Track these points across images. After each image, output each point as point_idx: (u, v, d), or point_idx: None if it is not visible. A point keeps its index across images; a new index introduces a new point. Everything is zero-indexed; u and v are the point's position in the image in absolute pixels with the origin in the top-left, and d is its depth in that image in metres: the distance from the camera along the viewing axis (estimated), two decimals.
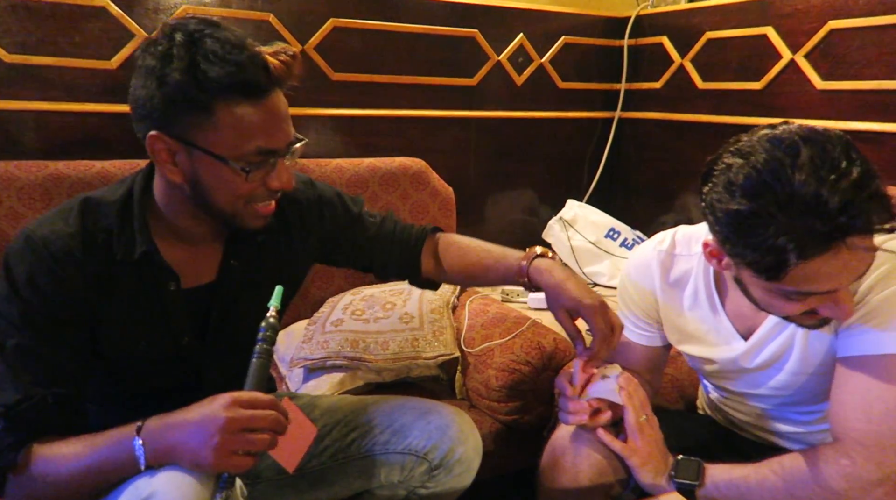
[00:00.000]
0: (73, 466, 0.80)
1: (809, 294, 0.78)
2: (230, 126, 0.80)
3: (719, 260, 0.87)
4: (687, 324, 1.05)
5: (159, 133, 0.81)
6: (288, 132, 0.86)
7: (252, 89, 0.80)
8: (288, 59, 0.83)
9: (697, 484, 0.92)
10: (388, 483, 1.08)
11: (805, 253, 0.72)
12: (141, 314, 0.91)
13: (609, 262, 2.08)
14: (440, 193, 1.86)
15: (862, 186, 0.71)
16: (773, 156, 0.74)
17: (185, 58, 0.78)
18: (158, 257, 0.90)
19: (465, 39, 1.99)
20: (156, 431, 0.79)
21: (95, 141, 1.55)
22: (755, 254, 0.76)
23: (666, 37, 2.12)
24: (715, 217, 0.80)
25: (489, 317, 1.57)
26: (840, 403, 0.87)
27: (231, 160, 0.82)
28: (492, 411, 1.43)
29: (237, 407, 0.77)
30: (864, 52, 1.57)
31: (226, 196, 0.85)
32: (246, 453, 0.77)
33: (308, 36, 1.76)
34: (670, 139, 2.17)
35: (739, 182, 0.76)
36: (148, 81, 0.80)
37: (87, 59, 1.52)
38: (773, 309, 0.86)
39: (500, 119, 2.13)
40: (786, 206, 0.72)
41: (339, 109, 1.85)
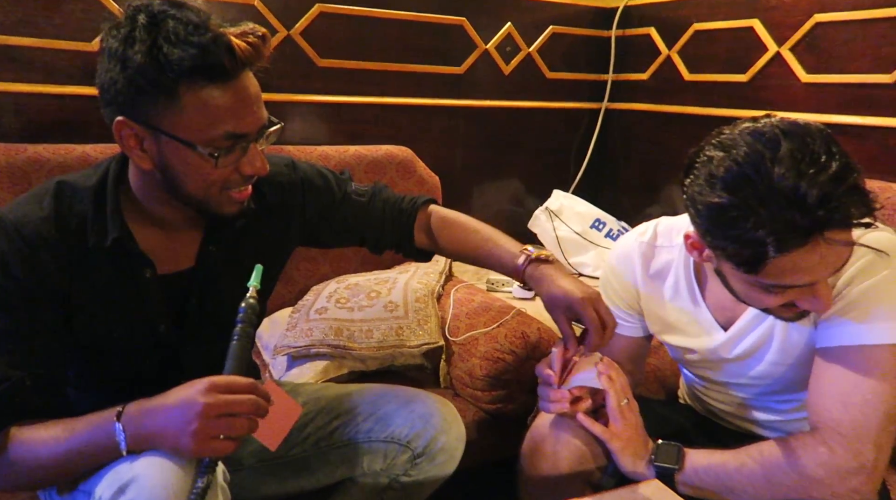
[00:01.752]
0: (52, 450, 0.79)
1: (788, 287, 0.79)
2: (196, 110, 0.78)
3: (700, 252, 0.88)
4: (668, 315, 1.05)
5: (125, 118, 0.80)
6: (259, 115, 0.84)
7: (217, 72, 0.78)
8: (256, 40, 0.80)
9: (677, 468, 0.93)
10: (370, 471, 1.08)
11: (784, 246, 0.73)
12: (116, 301, 0.90)
13: (594, 252, 2.08)
14: (426, 181, 1.85)
15: (841, 179, 0.71)
16: (753, 149, 0.75)
17: (146, 40, 0.75)
18: (132, 244, 0.88)
19: (452, 27, 1.98)
20: (135, 416, 0.78)
21: (76, 124, 1.52)
22: (735, 246, 0.77)
23: (654, 28, 2.13)
24: (696, 209, 0.80)
25: (474, 306, 1.57)
26: (818, 393, 0.88)
27: (199, 146, 0.80)
28: (476, 399, 1.44)
29: (215, 392, 0.76)
30: (849, 45, 1.58)
31: (197, 183, 0.83)
32: (226, 437, 0.76)
33: (294, 21, 1.74)
34: (656, 131, 2.17)
35: (720, 175, 0.76)
36: (111, 65, 0.78)
37: (67, 41, 1.50)
38: (753, 301, 0.86)
39: (488, 108, 2.12)
40: (765, 199, 0.72)
41: (324, 95, 1.83)
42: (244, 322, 0.84)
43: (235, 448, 0.77)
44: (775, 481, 0.86)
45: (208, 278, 0.96)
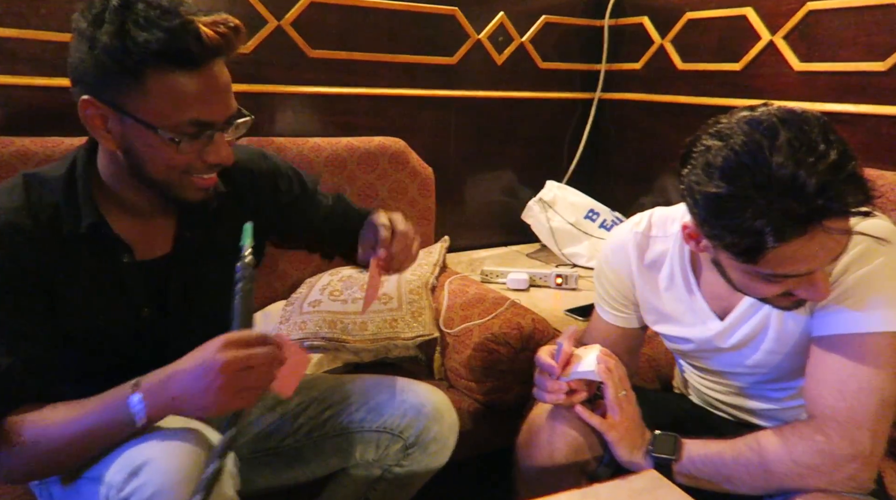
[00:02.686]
0: (66, 430, 0.79)
1: (786, 277, 0.79)
2: (161, 95, 0.78)
3: (697, 242, 0.87)
4: (663, 305, 1.05)
5: (91, 98, 0.80)
6: (228, 105, 0.84)
7: (183, 58, 0.77)
8: (227, 30, 0.80)
9: (674, 458, 0.93)
10: (363, 462, 1.08)
11: (782, 236, 0.73)
12: (97, 288, 0.89)
13: (588, 243, 2.08)
14: (419, 173, 1.85)
15: (839, 168, 0.71)
16: (751, 138, 0.74)
17: (115, 21, 0.76)
18: (107, 229, 0.88)
19: (445, 17, 1.97)
20: (155, 385, 0.78)
21: (63, 116, 1.50)
22: (733, 236, 0.76)
23: (646, 17, 2.12)
24: (693, 199, 0.80)
25: (468, 297, 1.56)
26: (815, 380, 0.88)
27: (161, 129, 0.80)
28: (470, 391, 1.43)
29: (231, 348, 0.76)
30: (841, 33, 1.58)
31: (158, 166, 0.83)
32: (248, 389, 0.77)
33: (284, 11, 1.73)
34: (650, 120, 2.17)
35: (718, 164, 0.76)
36: (80, 44, 0.78)
37: (54, 32, 1.47)
38: (750, 291, 0.86)
39: (481, 99, 2.11)
40: (763, 188, 0.72)
41: (316, 86, 1.82)
42: (243, 280, 0.84)
43: (257, 400, 0.79)
44: (772, 470, 0.86)
45: (187, 263, 0.96)
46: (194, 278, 0.97)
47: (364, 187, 1.76)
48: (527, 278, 1.84)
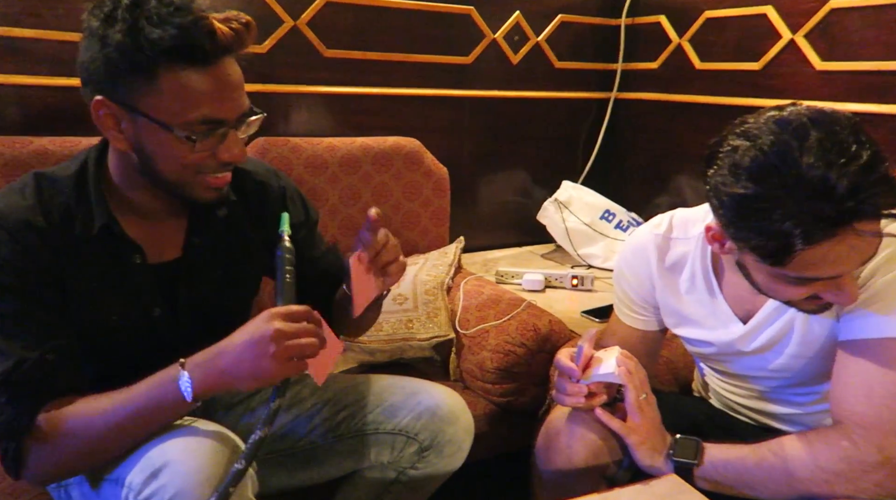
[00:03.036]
0: (110, 417, 0.79)
1: (814, 280, 0.77)
2: (173, 92, 0.78)
3: (721, 244, 0.86)
4: (684, 307, 1.04)
5: (103, 98, 0.79)
6: (239, 103, 0.84)
7: (196, 54, 0.77)
8: (239, 26, 0.80)
9: (696, 463, 0.91)
10: (377, 464, 1.07)
11: (811, 238, 0.71)
12: (109, 288, 0.89)
13: (604, 243, 2.07)
14: (434, 173, 1.84)
15: (870, 169, 0.70)
16: (780, 138, 0.73)
17: (127, 19, 0.75)
18: (119, 230, 0.88)
19: (460, 17, 1.96)
20: (203, 361, 0.79)
21: (81, 116, 1.47)
22: (760, 238, 0.75)
23: (664, 16, 2.09)
24: (719, 200, 0.78)
25: (484, 298, 1.55)
26: (841, 385, 0.86)
27: (175, 128, 0.79)
28: (486, 392, 1.42)
29: (281, 319, 0.78)
30: (863, 32, 1.55)
31: (171, 165, 0.83)
32: (299, 358, 0.78)
33: (300, 11, 1.72)
34: (667, 121, 2.15)
35: (745, 165, 0.74)
36: (91, 44, 0.78)
37: (72, 32, 1.48)
38: (776, 294, 0.84)
39: (496, 99, 2.10)
40: (793, 189, 0.71)
41: (331, 86, 1.82)
42: (284, 263, 0.86)
43: (303, 370, 0.80)
44: (796, 476, 0.84)
45: (196, 268, 0.96)
46: (204, 282, 0.97)
47: (378, 187, 1.75)
48: (542, 278, 1.83)
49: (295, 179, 1.54)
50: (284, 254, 0.87)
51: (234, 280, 1.00)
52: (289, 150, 1.63)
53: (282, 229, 0.90)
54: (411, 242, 1.81)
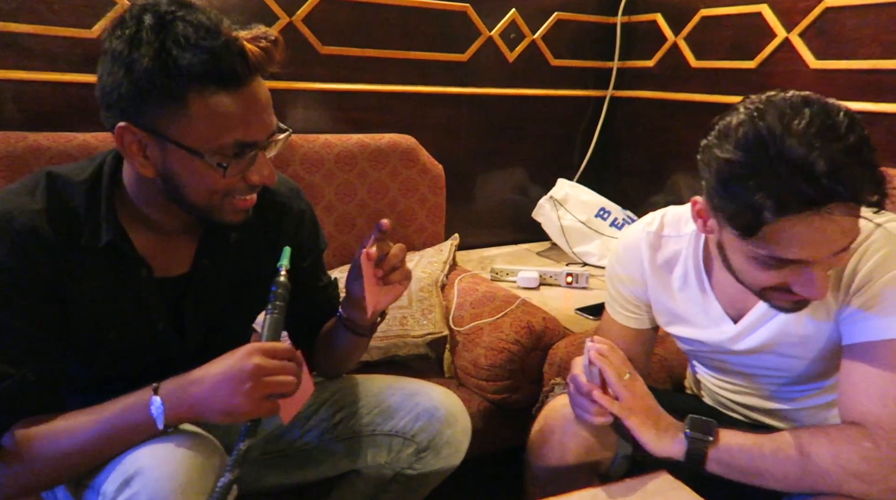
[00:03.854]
0: (79, 438, 0.78)
1: (784, 261, 0.77)
2: (205, 117, 0.75)
3: (705, 221, 0.87)
4: (676, 305, 1.04)
5: (128, 124, 0.76)
6: (269, 123, 0.81)
7: (228, 78, 0.74)
8: (268, 44, 0.77)
9: (711, 440, 0.87)
10: (374, 464, 1.07)
11: (783, 210, 0.72)
12: (112, 300, 0.87)
13: (599, 241, 2.07)
14: (430, 170, 1.84)
15: (854, 153, 0.70)
16: (773, 113, 0.74)
17: (154, 43, 0.72)
18: (127, 245, 0.86)
19: (456, 14, 1.96)
20: (176, 389, 0.78)
21: (76, 112, 1.51)
22: (735, 207, 0.75)
23: (660, 14, 2.10)
24: (707, 166, 0.80)
25: (478, 295, 1.56)
26: (852, 389, 0.85)
27: (206, 154, 0.77)
28: (480, 389, 1.43)
29: (262, 355, 0.77)
30: (858, 31, 1.56)
31: (202, 191, 0.81)
32: (273, 397, 0.78)
33: (296, 8, 1.72)
34: (662, 119, 2.15)
35: (735, 133, 0.76)
36: (115, 68, 0.74)
37: (67, 27, 1.47)
38: (749, 279, 0.84)
39: (492, 96, 2.10)
40: (774, 161, 0.72)
41: (327, 83, 1.82)
42: (277, 298, 0.85)
43: (276, 411, 0.79)
44: (811, 470, 0.82)
45: (204, 285, 0.94)
46: (210, 300, 0.95)
47: (374, 184, 1.75)
48: (537, 276, 1.83)
49: (291, 176, 1.55)
50: (278, 289, 0.85)
51: (241, 300, 0.99)
52: (285, 146, 1.62)
53: (280, 264, 0.88)
54: (407, 240, 1.81)
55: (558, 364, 1.36)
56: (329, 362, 1.10)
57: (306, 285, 1.05)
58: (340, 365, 1.11)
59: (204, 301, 0.95)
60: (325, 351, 1.09)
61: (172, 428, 0.80)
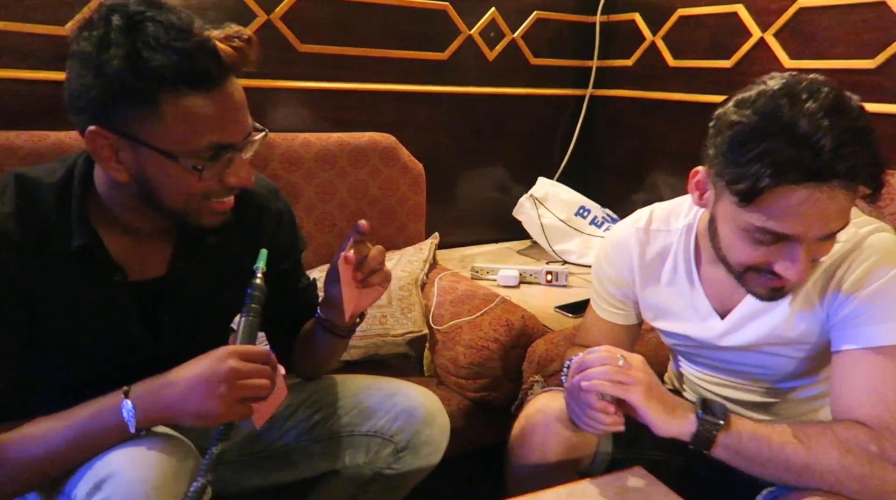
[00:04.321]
0: (49, 443, 0.77)
1: (774, 235, 0.78)
2: (179, 120, 0.74)
3: (701, 194, 0.89)
4: (664, 300, 1.05)
5: (99, 128, 0.74)
6: (245, 123, 0.80)
7: (201, 79, 0.73)
8: (242, 44, 0.76)
9: (723, 425, 0.83)
10: (353, 465, 1.06)
11: (783, 177, 0.74)
12: (84, 304, 0.86)
13: (579, 240, 2.08)
14: (410, 169, 1.84)
15: (860, 136, 0.73)
16: (792, 88, 0.77)
17: (124, 44, 0.70)
18: (99, 249, 0.84)
19: (436, 12, 1.96)
20: (148, 392, 0.77)
21: (49, 110, 1.48)
22: (740, 170, 0.77)
23: (638, 13, 2.11)
24: (719, 132, 0.81)
25: (458, 294, 1.56)
26: (851, 391, 0.85)
27: (182, 157, 0.75)
28: (460, 388, 1.43)
29: (237, 358, 0.77)
30: (831, 31, 1.58)
31: (178, 195, 0.79)
32: (247, 401, 0.78)
33: (274, 5, 1.71)
34: (641, 118, 2.17)
35: (752, 99, 0.78)
36: (84, 71, 0.72)
37: (40, 24, 1.45)
38: (734, 254, 0.85)
39: (472, 95, 2.10)
40: (785, 130, 0.74)
41: (306, 81, 1.80)
42: (252, 301, 0.84)
43: (250, 415, 0.79)
44: (814, 468, 0.82)
45: (180, 288, 0.93)
46: (187, 303, 0.94)
47: (355, 183, 1.75)
48: (517, 274, 1.84)
49: (270, 175, 1.54)
50: (254, 292, 0.85)
51: (218, 303, 0.97)
52: (264, 145, 1.61)
53: (257, 266, 0.87)
54: (388, 239, 1.81)
55: (537, 362, 1.37)
56: (308, 363, 1.10)
57: (285, 287, 1.04)
58: (319, 366, 1.11)
59: (180, 304, 0.94)
60: (305, 352, 1.08)
61: (145, 431, 0.80)
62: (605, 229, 2.13)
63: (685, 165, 2.26)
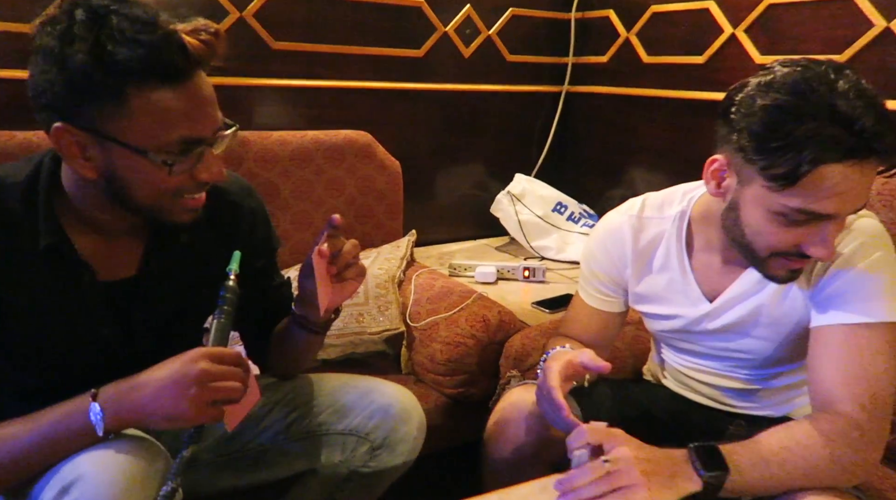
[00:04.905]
0: (15, 447, 0.76)
1: (811, 215, 0.79)
2: (147, 114, 0.73)
3: (719, 182, 0.88)
4: (655, 285, 1.07)
5: (65, 124, 0.73)
6: (215, 118, 0.79)
7: (169, 72, 0.72)
8: (210, 37, 0.75)
9: (727, 472, 0.79)
10: (329, 464, 1.06)
11: (823, 157, 0.74)
12: (53, 305, 0.84)
13: (556, 235, 2.09)
14: (387, 167, 1.83)
15: (888, 118, 0.75)
16: (819, 70, 0.77)
17: (88, 38, 0.69)
18: (68, 248, 0.83)
19: (410, 9, 1.95)
20: (117, 394, 0.76)
21: (15, 109, 1.45)
22: (775, 155, 0.77)
23: (612, 10, 2.13)
24: (746, 116, 0.80)
25: (435, 291, 1.56)
26: (830, 367, 0.86)
27: (151, 152, 0.74)
28: (437, 385, 1.43)
29: (209, 360, 0.76)
30: (800, 26, 1.60)
31: (148, 191, 0.78)
32: (218, 403, 0.77)
33: (247, 2, 1.69)
34: (617, 113, 2.18)
35: (781, 81, 0.78)
36: (47, 66, 0.71)
37: (4, 22, 1.43)
38: (763, 240, 0.85)
39: (448, 92, 2.10)
40: (822, 109, 0.74)
41: (280, 79, 1.79)
42: (225, 303, 0.84)
43: (221, 418, 0.79)
44: (811, 473, 0.82)
45: (152, 288, 0.92)
46: (159, 303, 0.93)
47: (331, 181, 1.74)
48: (495, 271, 1.84)
49: (245, 174, 1.53)
50: (227, 294, 0.85)
51: (192, 303, 0.96)
52: (238, 143, 1.60)
53: (230, 268, 0.87)
54: (365, 237, 1.80)
55: (514, 357, 1.37)
56: (283, 361, 1.09)
57: (260, 286, 1.04)
58: (295, 364, 1.10)
59: (152, 305, 0.92)
60: (280, 350, 1.08)
61: (114, 434, 0.78)
62: (583, 225, 2.14)
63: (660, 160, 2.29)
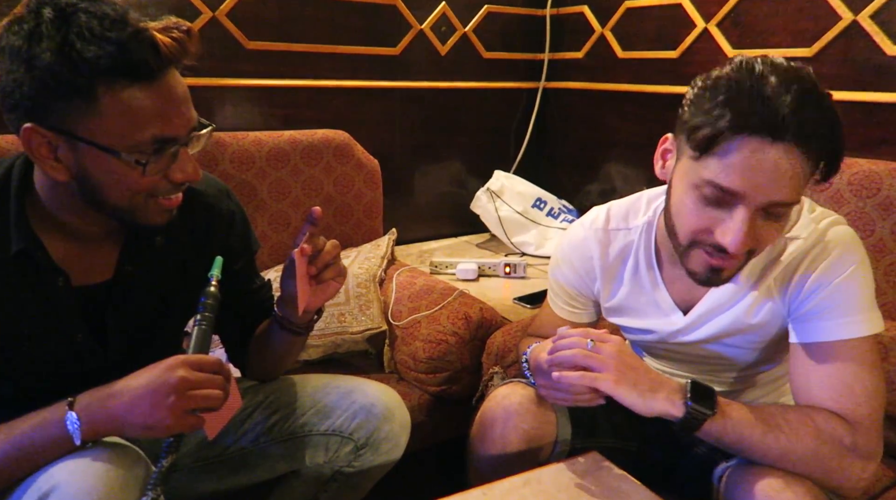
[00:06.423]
0: None
1: (722, 191, 0.79)
2: (117, 113, 0.72)
3: (665, 162, 0.90)
4: (626, 297, 1.05)
5: (34, 125, 0.72)
6: (188, 116, 0.78)
7: (139, 71, 0.71)
8: (181, 35, 0.74)
9: (711, 414, 0.82)
10: (312, 465, 1.05)
11: (739, 126, 0.76)
12: (26, 311, 0.83)
13: (536, 231, 2.10)
14: (365, 165, 1.83)
15: (820, 104, 0.76)
16: (770, 58, 0.80)
17: (55, 37, 0.69)
18: (40, 253, 0.81)
19: (385, 7, 1.94)
20: (94, 403, 0.75)
21: None
22: (700, 117, 0.79)
23: (586, 6, 2.14)
24: (691, 88, 0.83)
25: (416, 289, 1.56)
26: (816, 385, 0.87)
27: (123, 152, 0.73)
28: (420, 383, 1.43)
29: (188, 368, 0.76)
30: (770, 20, 1.63)
31: (120, 192, 0.77)
32: (197, 412, 0.77)
33: (219, 2, 1.68)
34: (593, 109, 2.20)
35: (730, 65, 0.81)
36: (14, 66, 0.70)
37: None
38: (681, 220, 0.85)
39: (425, 90, 2.10)
40: (753, 86, 0.76)
41: (255, 79, 1.78)
42: (206, 309, 0.84)
43: (200, 426, 0.78)
44: (791, 458, 0.83)
45: (127, 292, 0.91)
46: (135, 308, 0.92)
47: (309, 181, 1.73)
48: (475, 267, 1.85)
49: (221, 175, 1.52)
50: (208, 300, 0.84)
51: (169, 308, 0.95)
52: (213, 145, 1.59)
53: (211, 274, 0.86)
54: (345, 236, 1.79)
55: (496, 353, 1.38)
56: (265, 363, 1.08)
57: (239, 289, 1.03)
58: (276, 366, 1.09)
59: (128, 310, 0.91)
60: (261, 352, 1.07)
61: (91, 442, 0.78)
62: (562, 220, 2.16)
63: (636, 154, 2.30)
